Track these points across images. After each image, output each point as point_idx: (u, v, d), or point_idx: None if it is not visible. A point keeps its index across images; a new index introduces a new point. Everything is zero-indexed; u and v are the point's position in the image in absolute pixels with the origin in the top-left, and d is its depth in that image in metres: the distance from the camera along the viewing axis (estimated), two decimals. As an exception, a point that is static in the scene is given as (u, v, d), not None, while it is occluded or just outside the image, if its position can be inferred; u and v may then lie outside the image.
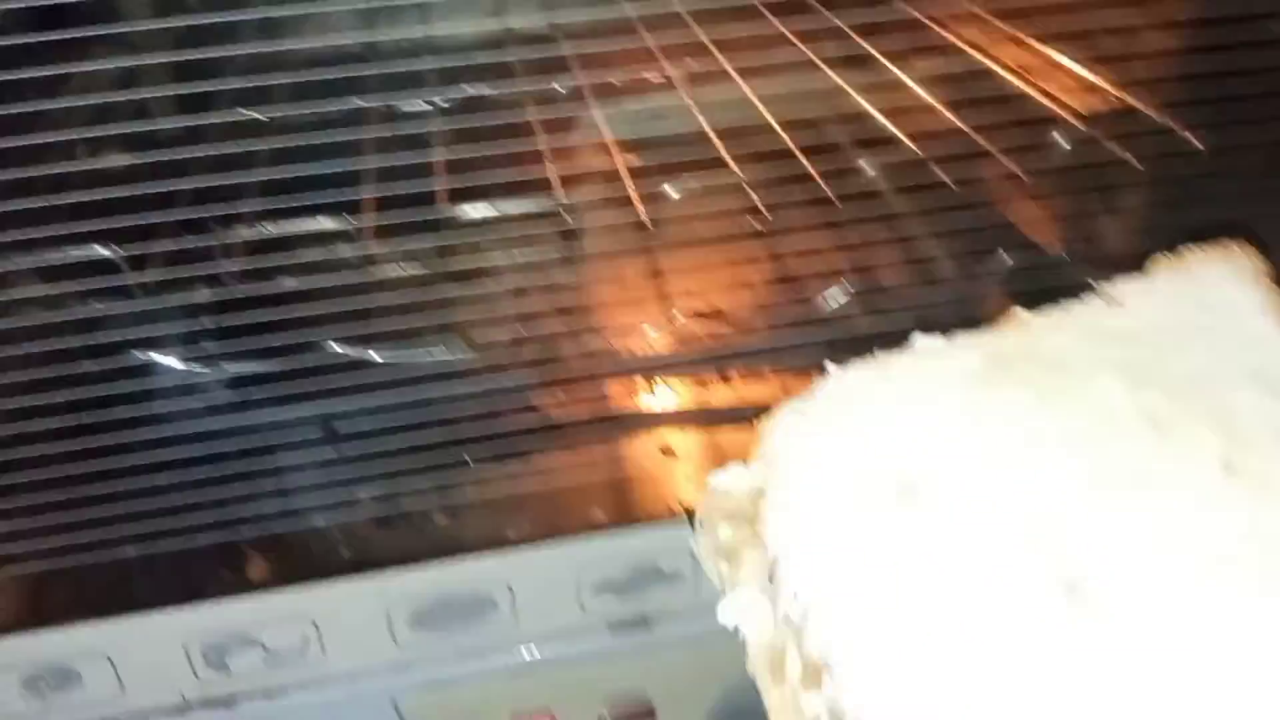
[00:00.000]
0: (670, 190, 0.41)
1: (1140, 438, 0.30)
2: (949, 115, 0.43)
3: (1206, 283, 0.35)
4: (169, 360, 0.41)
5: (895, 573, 0.28)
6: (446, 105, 0.41)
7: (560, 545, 0.47)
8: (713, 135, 0.40)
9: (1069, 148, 0.44)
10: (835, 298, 0.49)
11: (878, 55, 0.44)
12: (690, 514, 0.33)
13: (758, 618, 0.30)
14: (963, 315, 0.52)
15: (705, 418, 0.53)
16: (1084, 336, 0.33)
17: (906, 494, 0.29)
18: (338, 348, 0.43)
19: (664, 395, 0.53)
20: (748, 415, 0.54)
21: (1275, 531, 0.28)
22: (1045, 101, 0.45)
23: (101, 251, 0.39)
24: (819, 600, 0.28)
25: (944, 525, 0.28)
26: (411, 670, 0.48)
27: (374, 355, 0.43)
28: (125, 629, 0.44)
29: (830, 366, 0.33)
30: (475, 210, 0.40)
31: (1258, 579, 0.27)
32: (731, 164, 0.39)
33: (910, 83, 0.43)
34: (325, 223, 0.40)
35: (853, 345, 0.51)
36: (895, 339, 0.51)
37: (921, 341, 0.33)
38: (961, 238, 0.48)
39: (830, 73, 0.43)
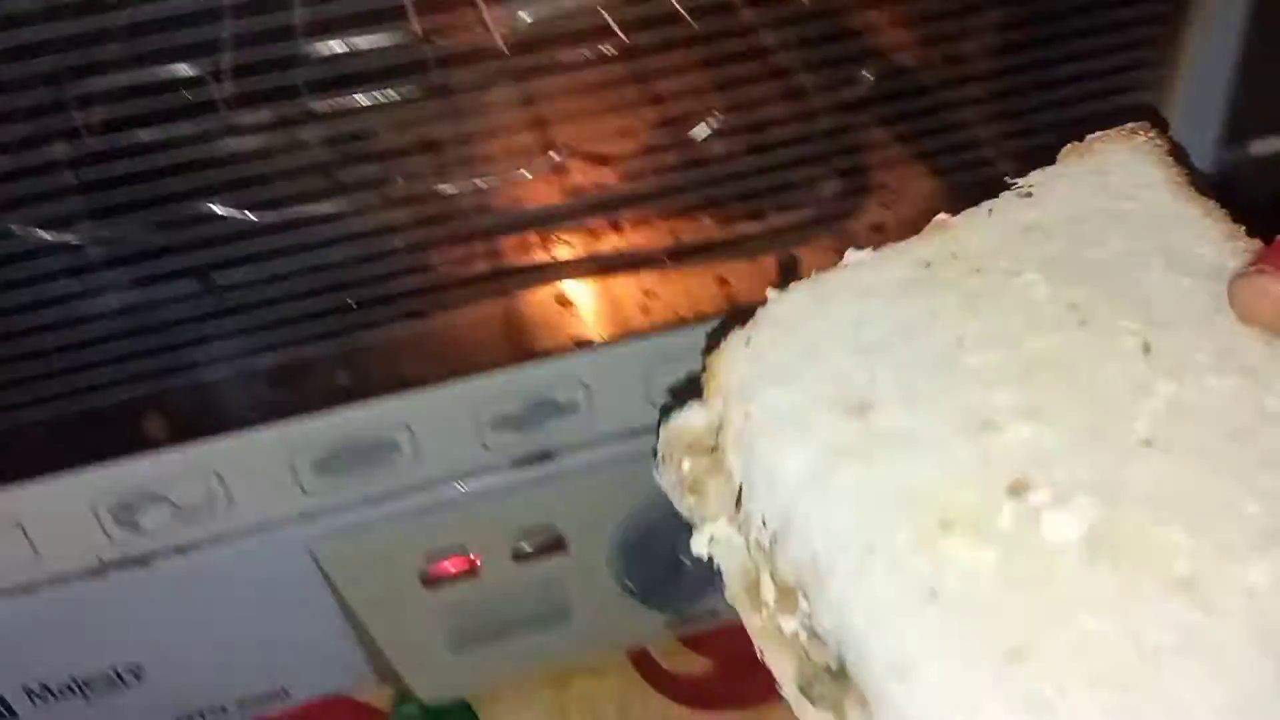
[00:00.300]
0: (524, 15, 0.42)
1: (1065, 329, 0.31)
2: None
3: (1113, 167, 0.35)
4: (35, 223, 0.41)
5: (854, 488, 0.29)
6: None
7: (455, 384, 0.48)
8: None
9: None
10: (706, 129, 0.50)
11: None
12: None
13: (730, 549, 0.31)
14: (838, 145, 0.54)
15: (598, 266, 0.54)
16: (1003, 236, 0.34)
17: (856, 413, 0.30)
18: (211, 205, 0.43)
19: (556, 248, 0.54)
20: (639, 262, 0.56)
21: (1192, 405, 0.29)
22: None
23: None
24: (785, 525, 0.29)
25: (893, 437, 0.30)
26: (323, 519, 0.49)
27: (249, 214, 0.44)
28: (30, 494, 0.44)
29: (771, 292, 0.34)
30: (327, 46, 0.40)
31: (1180, 455, 0.28)
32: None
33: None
34: (180, 69, 0.40)
35: (736, 183, 0.53)
36: (774, 173, 0.53)
37: (852, 256, 0.34)
38: (822, 52, 0.50)
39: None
